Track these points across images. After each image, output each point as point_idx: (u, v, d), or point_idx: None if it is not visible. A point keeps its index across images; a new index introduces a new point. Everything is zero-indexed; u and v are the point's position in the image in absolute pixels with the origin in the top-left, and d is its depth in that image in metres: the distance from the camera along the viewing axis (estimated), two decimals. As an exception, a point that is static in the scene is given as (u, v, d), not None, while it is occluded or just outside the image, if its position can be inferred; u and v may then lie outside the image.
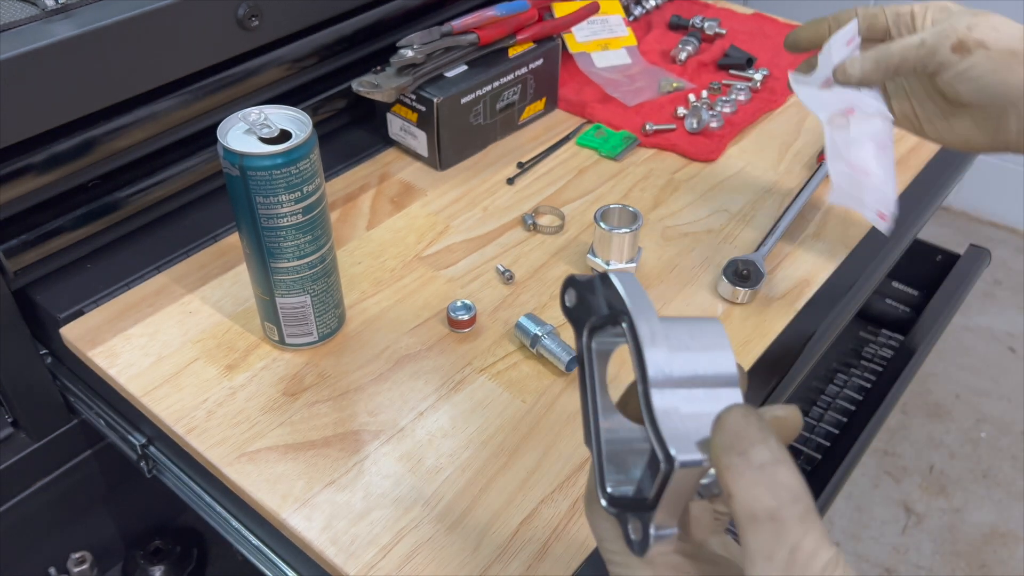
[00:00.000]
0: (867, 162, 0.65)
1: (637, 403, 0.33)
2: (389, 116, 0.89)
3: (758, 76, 1.01)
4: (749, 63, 1.04)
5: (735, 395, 0.33)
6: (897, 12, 0.63)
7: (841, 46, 0.64)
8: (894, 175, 0.67)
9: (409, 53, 0.82)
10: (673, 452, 0.31)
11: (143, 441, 0.72)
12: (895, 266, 0.82)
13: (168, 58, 0.72)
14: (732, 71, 1.04)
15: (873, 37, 0.65)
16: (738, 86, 0.99)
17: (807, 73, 0.68)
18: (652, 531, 0.33)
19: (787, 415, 0.34)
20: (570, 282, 0.37)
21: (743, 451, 0.30)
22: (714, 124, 0.93)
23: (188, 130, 0.78)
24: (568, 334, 0.69)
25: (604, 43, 1.06)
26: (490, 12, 0.88)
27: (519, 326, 0.67)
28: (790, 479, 0.30)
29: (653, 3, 1.18)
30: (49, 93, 0.65)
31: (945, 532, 1.43)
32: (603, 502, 0.35)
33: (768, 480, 0.30)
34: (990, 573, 1.38)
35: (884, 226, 0.67)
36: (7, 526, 0.80)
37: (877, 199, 0.66)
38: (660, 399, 0.32)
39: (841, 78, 0.63)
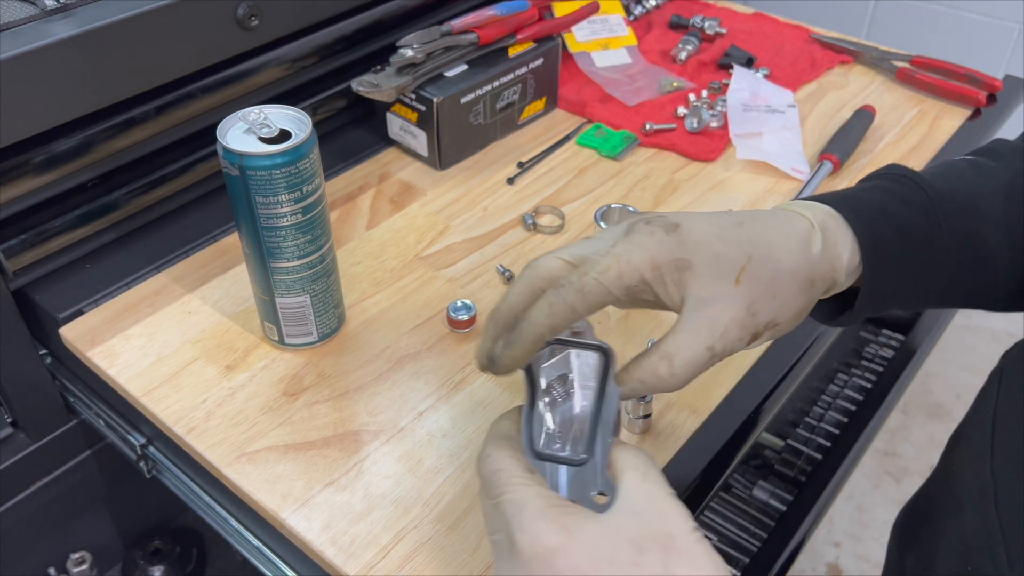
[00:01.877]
0: (769, 133, 0.92)
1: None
2: (389, 116, 0.89)
3: (759, 75, 1.01)
4: (749, 63, 1.04)
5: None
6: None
7: None
8: (800, 142, 0.91)
9: (409, 52, 0.82)
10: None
11: (142, 441, 0.72)
12: (896, 266, 0.81)
13: (168, 58, 0.72)
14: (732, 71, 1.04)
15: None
16: (738, 86, 0.99)
17: None
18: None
19: None
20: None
21: None
22: (714, 124, 0.93)
23: (187, 130, 0.78)
24: (568, 334, 0.69)
25: (604, 43, 1.06)
26: (490, 11, 0.88)
27: (519, 326, 0.67)
28: None
29: (653, 2, 1.18)
30: (48, 93, 0.65)
31: (945, 532, 1.43)
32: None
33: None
34: (990, 573, 1.38)
35: (801, 176, 0.87)
36: (7, 526, 0.80)
37: (791, 159, 0.89)
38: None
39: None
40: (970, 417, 0.51)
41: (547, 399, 0.47)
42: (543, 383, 0.47)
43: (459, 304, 0.69)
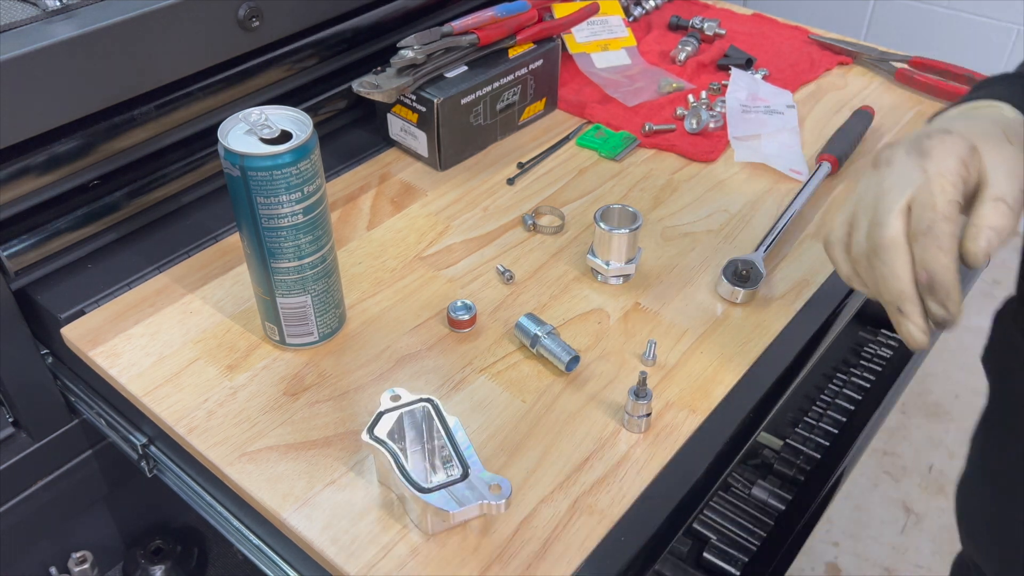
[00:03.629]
0: (767, 135, 0.92)
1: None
2: (389, 117, 0.89)
3: (758, 76, 1.01)
4: (748, 63, 1.04)
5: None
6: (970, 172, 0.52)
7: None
8: (799, 143, 0.92)
9: (409, 53, 0.82)
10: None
11: (144, 441, 0.72)
12: (894, 266, 0.81)
13: (169, 58, 0.72)
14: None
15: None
16: (738, 86, 0.99)
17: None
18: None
19: None
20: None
21: None
22: (713, 124, 0.93)
23: (189, 130, 0.78)
24: (568, 334, 0.69)
25: (604, 44, 1.06)
26: (490, 13, 0.88)
27: (519, 326, 0.67)
28: None
29: (653, 4, 1.18)
30: (50, 93, 0.65)
31: (944, 532, 1.43)
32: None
33: None
34: (989, 573, 1.38)
35: (799, 177, 0.87)
36: (8, 526, 0.80)
37: (790, 160, 0.89)
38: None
39: (974, 261, 0.50)
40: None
41: (405, 454, 0.58)
42: (395, 447, 0.55)
43: (459, 304, 0.69)
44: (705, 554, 0.82)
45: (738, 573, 0.80)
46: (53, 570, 0.91)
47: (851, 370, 0.99)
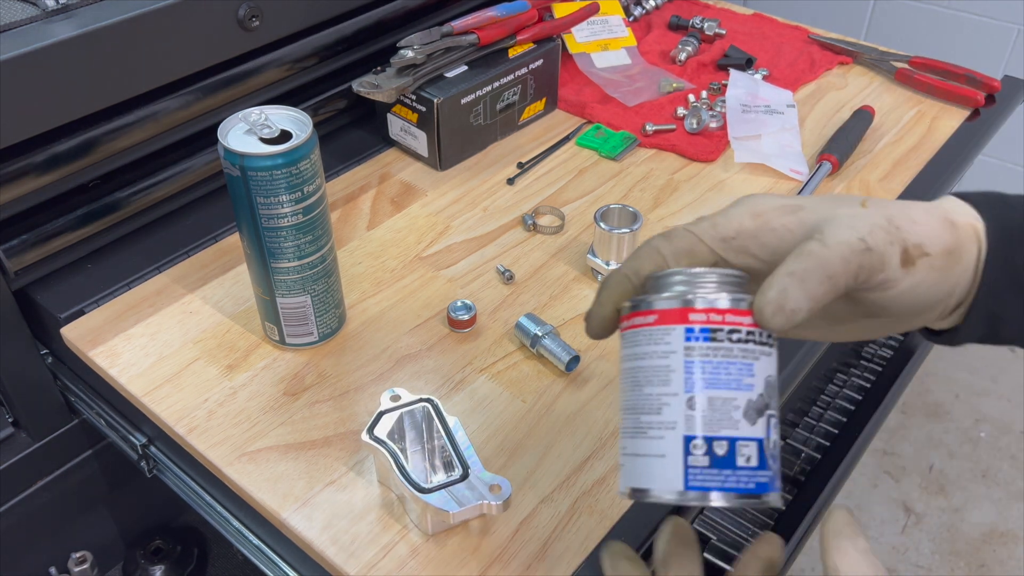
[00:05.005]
0: (767, 136, 0.92)
1: None
2: (389, 117, 0.89)
3: (758, 76, 1.01)
4: (749, 63, 1.04)
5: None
6: (758, 238, 0.41)
7: None
8: (799, 143, 0.91)
9: (409, 53, 0.82)
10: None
11: (144, 441, 0.72)
12: (894, 266, 0.81)
13: (168, 58, 0.72)
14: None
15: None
16: (738, 86, 0.99)
17: None
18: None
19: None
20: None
21: (852, 537, 0.39)
22: (713, 124, 0.93)
23: (188, 130, 0.78)
24: (568, 334, 0.69)
25: (604, 43, 1.06)
26: (490, 12, 0.88)
27: (519, 326, 0.67)
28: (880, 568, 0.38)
29: (653, 3, 1.18)
30: (50, 93, 0.65)
31: (944, 532, 1.43)
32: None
33: (870, 561, 0.38)
34: (989, 572, 1.38)
35: (799, 177, 0.87)
36: (8, 526, 0.80)
37: (790, 160, 0.89)
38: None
39: (782, 322, 0.37)
40: None
41: (406, 454, 0.58)
42: (395, 447, 0.55)
43: (459, 304, 0.69)
44: (705, 554, 0.82)
45: (738, 573, 0.79)
46: (53, 570, 0.91)
47: (851, 370, 0.99)
